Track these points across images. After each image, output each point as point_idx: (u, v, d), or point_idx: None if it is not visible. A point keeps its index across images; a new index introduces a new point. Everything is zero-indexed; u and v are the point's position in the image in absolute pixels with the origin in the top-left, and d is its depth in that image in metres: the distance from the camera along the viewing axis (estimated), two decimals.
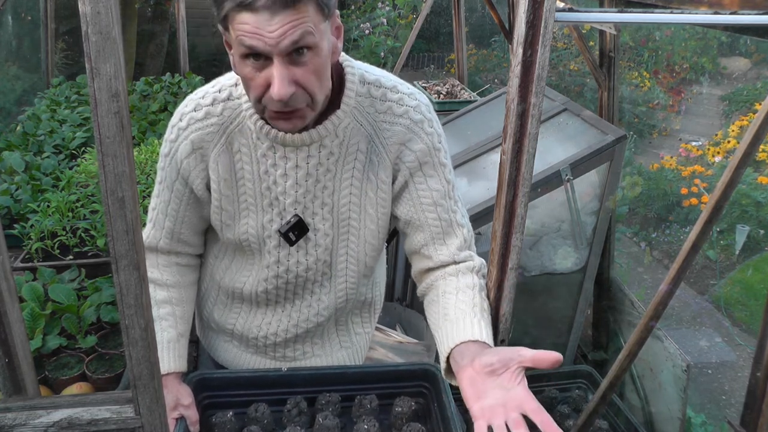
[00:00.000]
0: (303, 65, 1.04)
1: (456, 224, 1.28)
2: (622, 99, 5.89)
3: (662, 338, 2.09)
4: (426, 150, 1.24)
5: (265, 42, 1.00)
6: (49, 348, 1.64)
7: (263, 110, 1.12)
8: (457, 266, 1.26)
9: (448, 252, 1.26)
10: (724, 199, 1.07)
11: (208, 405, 1.31)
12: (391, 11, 5.51)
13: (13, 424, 0.71)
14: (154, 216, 1.31)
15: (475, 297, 1.19)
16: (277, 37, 0.99)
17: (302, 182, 1.23)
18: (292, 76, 1.04)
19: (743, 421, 1.19)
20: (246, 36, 1.00)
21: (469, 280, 1.23)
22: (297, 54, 1.03)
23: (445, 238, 1.27)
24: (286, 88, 1.04)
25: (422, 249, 1.29)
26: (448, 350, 1.11)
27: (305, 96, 1.09)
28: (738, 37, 6.18)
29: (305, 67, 1.05)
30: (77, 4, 0.57)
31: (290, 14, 0.98)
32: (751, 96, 6.09)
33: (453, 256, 1.26)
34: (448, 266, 1.27)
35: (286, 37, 1.00)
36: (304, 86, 1.07)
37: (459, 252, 1.26)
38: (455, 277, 1.24)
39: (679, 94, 6.39)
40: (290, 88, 1.04)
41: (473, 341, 1.09)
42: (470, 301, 1.17)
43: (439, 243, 1.27)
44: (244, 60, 1.05)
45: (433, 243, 1.27)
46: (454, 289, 1.22)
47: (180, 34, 4.24)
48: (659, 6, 1.08)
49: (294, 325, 1.39)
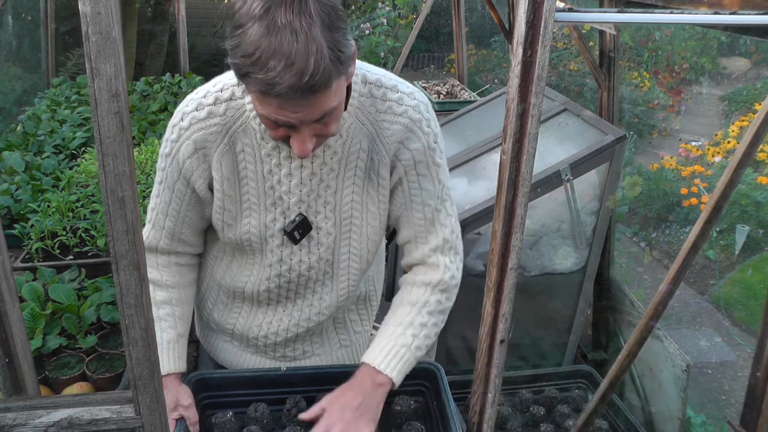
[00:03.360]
0: (324, 122, 1.07)
1: (438, 224, 1.31)
2: (622, 99, 5.89)
3: (662, 338, 2.09)
4: (422, 149, 1.25)
5: (289, 120, 1.03)
6: (49, 348, 1.64)
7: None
8: (418, 275, 1.33)
9: (421, 252, 1.33)
10: (724, 199, 1.07)
11: (208, 405, 1.31)
12: (391, 11, 5.51)
13: (13, 424, 0.71)
14: (153, 216, 1.31)
15: (410, 314, 1.31)
16: (301, 117, 1.02)
17: (307, 181, 1.23)
18: (313, 131, 1.07)
19: (743, 421, 1.19)
20: (270, 113, 1.02)
21: (415, 297, 1.32)
22: (319, 118, 1.05)
23: (427, 236, 1.32)
24: (309, 150, 1.08)
25: (406, 245, 1.36)
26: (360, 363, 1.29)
27: (323, 139, 1.13)
28: (738, 37, 6.18)
29: (326, 123, 1.07)
30: (77, 4, 0.57)
31: (314, 98, 0.99)
32: (751, 96, 6.09)
33: (424, 257, 1.33)
34: (418, 266, 1.35)
35: (309, 115, 1.02)
36: (324, 135, 1.10)
37: (432, 254, 1.32)
38: (409, 288, 1.34)
39: (679, 94, 6.39)
40: (311, 145, 1.08)
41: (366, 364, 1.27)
42: (401, 319, 1.30)
43: (421, 242, 1.33)
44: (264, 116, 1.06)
45: (415, 240, 1.33)
46: (398, 302, 1.34)
47: (180, 34, 4.24)
48: (659, 6, 1.08)
49: (295, 324, 1.39)
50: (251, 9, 0.94)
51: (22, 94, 4.43)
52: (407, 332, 1.28)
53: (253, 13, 0.94)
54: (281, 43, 0.92)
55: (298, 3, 0.93)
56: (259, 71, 0.94)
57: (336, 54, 0.97)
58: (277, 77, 0.94)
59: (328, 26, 0.95)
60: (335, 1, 0.98)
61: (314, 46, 0.93)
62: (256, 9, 0.94)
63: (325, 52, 0.94)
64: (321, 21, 0.94)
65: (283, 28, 0.92)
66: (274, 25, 0.93)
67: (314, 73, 0.94)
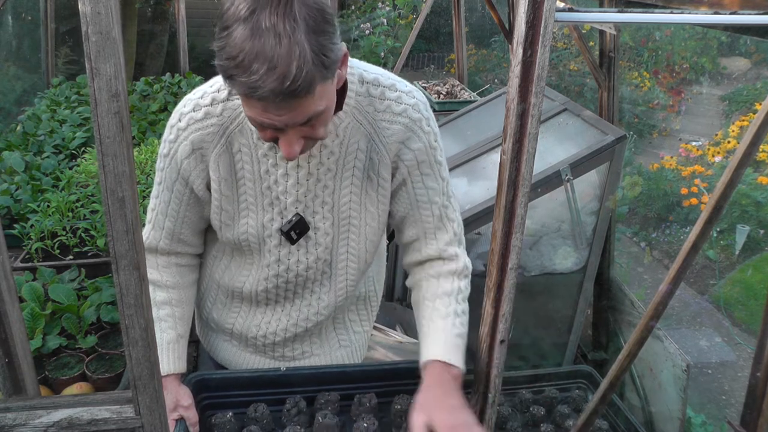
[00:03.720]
0: (311, 125, 1.06)
1: (447, 219, 1.33)
2: (622, 99, 5.89)
3: (662, 338, 2.09)
4: (423, 149, 1.26)
5: (274, 123, 1.02)
6: (49, 348, 1.64)
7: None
8: (441, 267, 1.33)
9: (436, 247, 1.33)
10: (724, 199, 1.07)
11: (208, 405, 1.31)
12: (391, 11, 5.52)
13: (13, 424, 0.71)
14: (153, 217, 1.31)
15: (450, 305, 1.29)
16: (285, 120, 1.02)
17: (303, 181, 1.23)
18: (299, 134, 1.06)
19: (743, 421, 1.19)
20: (256, 115, 1.02)
21: (448, 286, 1.31)
22: (305, 122, 1.05)
23: (436, 233, 1.32)
24: (295, 152, 1.07)
25: (414, 243, 1.35)
26: (422, 365, 1.25)
27: (312, 142, 1.12)
28: (738, 37, 6.18)
29: (313, 125, 1.07)
30: (77, 4, 0.57)
31: (297, 102, 0.98)
32: (751, 96, 6.09)
33: (440, 251, 1.33)
34: (435, 261, 1.34)
35: (294, 119, 1.02)
36: (312, 137, 1.09)
37: (447, 247, 1.33)
38: (436, 280, 1.32)
39: (679, 94, 6.39)
40: (298, 147, 1.07)
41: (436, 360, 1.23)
42: (444, 311, 1.28)
43: (430, 238, 1.33)
44: (251, 118, 1.06)
45: (425, 238, 1.33)
46: (432, 296, 1.31)
47: (180, 34, 4.24)
48: (659, 6, 1.08)
49: (294, 324, 1.39)
50: (237, 10, 0.93)
51: (22, 94, 4.43)
52: (456, 322, 1.28)
53: (238, 15, 0.93)
54: (264, 47, 0.92)
55: (283, 6, 0.92)
56: (242, 74, 0.94)
57: (320, 58, 0.96)
58: (259, 81, 0.93)
59: (314, 30, 0.94)
60: (323, 4, 0.97)
61: (297, 50, 0.92)
62: (242, 11, 0.93)
63: (308, 57, 0.93)
64: (306, 25, 0.93)
65: (266, 32, 0.92)
66: (258, 28, 0.92)
67: (296, 77, 0.93)
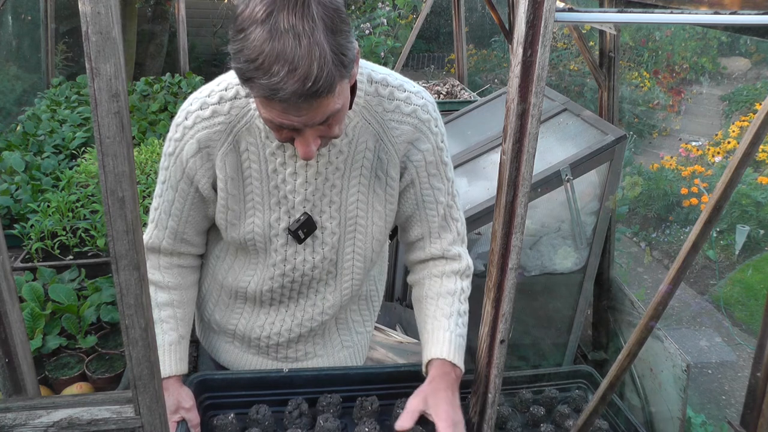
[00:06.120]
0: (327, 124, 1.07)
1: (451, 219, 1.35)
2: (622, 99, 5.89)
3: (662, 338, 2.09)
4: (432, 149, 1.27)
5: (292, 123, 1.02)
6: (49, 348, 1.64)
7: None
8: (445, 266, 1.35)
9: (440, 246, 1.35)
10: (724, 199, 1.07)
11: (209, 406, 1.31)
12: (391, 11, 5.51)
13: (13, 424, 0.71)
14: (156, 216, 1.30)
15: (453, 304, 1.31)
16: (304, 121, 1.02)
17: (312, 180, 1.23)
18: (316, 134, 1.07)
19: (743, 421, 1.19)
20: (274, 117, 1.02)
21: (451, 286, 1.33)
22: (322, 122, 1.05)
23: (440, 232, 1.34)
24: (313, 152, 1.08)
25: (418, 242, 1.37)
26: (425, 362, 1.29)
27: (326, 141, 1.13)
28: (738, 37, 6.18)
29: (329, 124, 1.07)
30: (77, 4, 0.57)
31: (318, 102, 0.99)
32: (751, 96, 6.09)
33: (444, 251, 1.35)
34: (438, 260, 1.36)
35: (313, 119, 1.02)
36: (328, 136, 1.10)
37: (451, 247, 1.35)
38: (440, 279, 1.34)
39: (679, 94, 6.39)
40: (315, 147, 1.08)
41: (442, 359, 1.25)
42: (448, 310, 1.30)
43: (435, 237, 1.35)
44: (268, 120, 1.06)
45: (429, 237, 1.35)
46: (435, 294, 1.34)
47: (180, 34, 4.24)
48: (659, 6, 1.08)
49: (297, 324, 1.39)
50: (254, 13, 0.93)
51: (22, 94, 4.43)
52: (459, 321, 1.30)
53: (255, 17, 0.93)
54: (284, 48, 0.92)
55: (300, 6, 0.92)
56: (263, 76, 0.94)
57: (339, 57, 0.96)
58: (280, 83, 0.93)
59: (331, 29, 0.95)
60: (338, 4, 0.98)
61: (317, 50, 0.93)
62: (259, 13, 0.93)
63: (328, 57, 0.94)
64: (324, 24, 0.94)
65: (285, 33, 0.92)
66: (276, 29, 0.92)
67: (318, 78, 0.93)
